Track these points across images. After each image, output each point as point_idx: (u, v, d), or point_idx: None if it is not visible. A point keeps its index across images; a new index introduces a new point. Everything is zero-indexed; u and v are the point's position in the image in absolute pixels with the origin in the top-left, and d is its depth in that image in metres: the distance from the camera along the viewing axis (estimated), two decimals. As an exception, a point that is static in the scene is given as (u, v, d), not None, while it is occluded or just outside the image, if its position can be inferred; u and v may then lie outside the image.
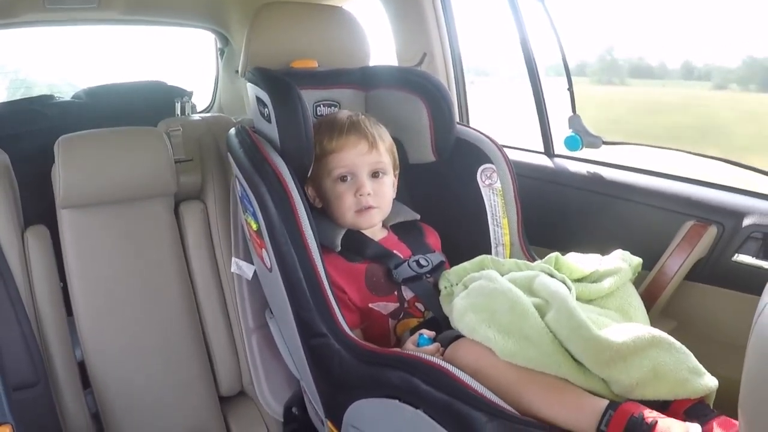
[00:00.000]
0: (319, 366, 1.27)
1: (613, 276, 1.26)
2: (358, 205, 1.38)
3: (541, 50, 1.86)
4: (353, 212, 1.38)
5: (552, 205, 1.80)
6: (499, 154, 1.52)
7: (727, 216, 1.44)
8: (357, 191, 1.38)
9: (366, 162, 1.39)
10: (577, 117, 1.76)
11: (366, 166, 1.39)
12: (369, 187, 1.38)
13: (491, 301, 1.13)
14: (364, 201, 1.38)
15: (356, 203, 1.38)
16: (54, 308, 1.58)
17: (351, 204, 1.38)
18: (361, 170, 1.39)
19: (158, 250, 1.70)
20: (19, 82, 2.99)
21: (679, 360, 1.03)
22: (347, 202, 1.38)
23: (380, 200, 1.41)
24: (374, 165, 1.40)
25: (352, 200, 1.38)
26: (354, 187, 1.38)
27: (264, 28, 1.55)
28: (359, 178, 1.38)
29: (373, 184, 1.39)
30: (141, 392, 1.63)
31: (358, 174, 1.38)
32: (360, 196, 1.37)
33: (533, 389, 1.02)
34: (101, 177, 1.61)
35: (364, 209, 1.38)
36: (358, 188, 1.38)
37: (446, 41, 2.06)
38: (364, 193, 1.37)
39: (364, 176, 1.39)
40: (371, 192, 1.38)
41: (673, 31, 2.47)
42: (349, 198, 1.38)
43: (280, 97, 1.33)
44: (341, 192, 1.39)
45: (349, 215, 1.39)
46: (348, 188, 1.38)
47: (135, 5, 2.49)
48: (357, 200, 1.38)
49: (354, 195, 1.38)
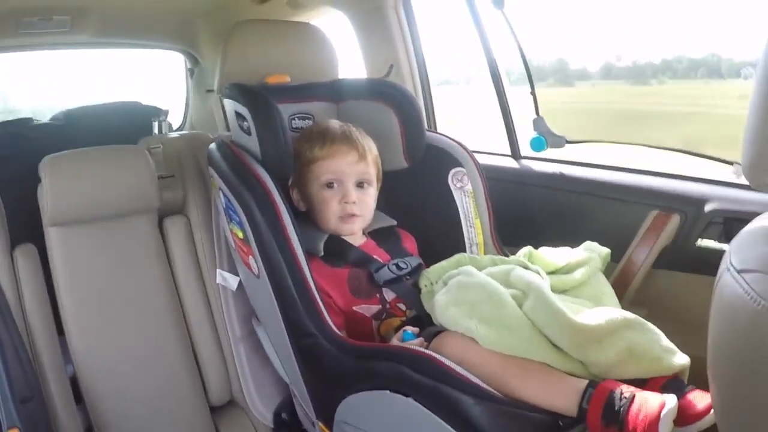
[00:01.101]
0: (309, 366, 1.31)
1: (583, 266, 1.32)
2: (342, 212, 1.43)
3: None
4: (337, 218, 1.43)
5: (522, 204, 1.85)
6: (469, 158, 1.58)
7: (689, 204, 1.50)
8: (342, 198, 1.42)
9: (354, 171, 1.44)
10: (540, 119, 1.82)
11: (353, 176, 1.44)
12: (354, 196, 1.43)
13: (471, 294, 1.18)
14: (348, 208, 1.43)
15: (341, 210, 1.43)
16: (45, 325, 1.59)
17: (336, 210, 1.43)
18: (348, 179, 1.44)
19: (144, 264, 1.73)
20: (7, 112, 2.98)
21: (652, 340, 1.10)
22: (332, 208, 1.43)
23: (363, 209, 1.46)
24: (361, 175, 1.46)
25: (337, 207, 1.43)
26: (340, 194, 1.43)
27: (238, 46, 1.60)
28: (345, 186, 1.43)
29: (358, 194, 1.44)
30: (132, 405, 1.65)
31: (344, 182, 1.43)
32: (345, 203, 1.42)
33: (516, 374, 1.07)
34: (88, 194, 1.64)
35: (347, 216, 1.43)
36: (344, 195, 1.42)
37: (411, 52, 2.11)
38: (349, 201, 1.42)
39: (351, 185, 1.44)
40: (356, 201, 1.43)
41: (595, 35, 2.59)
42: (334, 204, 1.43)
43: (259, 109, 1.39)
44: (327, 197, 1.43)
45: (333, 221, 1.43)
46: (334, 195, 1.43)
47: (106, 28, 2.52)
48: (342, 207, 1.42)
49: (339, 202, 1.43)
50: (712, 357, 0.69)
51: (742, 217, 1.33)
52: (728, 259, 0.67)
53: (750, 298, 0.60)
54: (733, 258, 0.66)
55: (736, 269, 0.64)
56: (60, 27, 2.33)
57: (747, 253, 0.66)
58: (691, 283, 1.49)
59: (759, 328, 0.59)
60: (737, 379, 0.65)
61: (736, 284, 0.63)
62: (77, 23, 2.36)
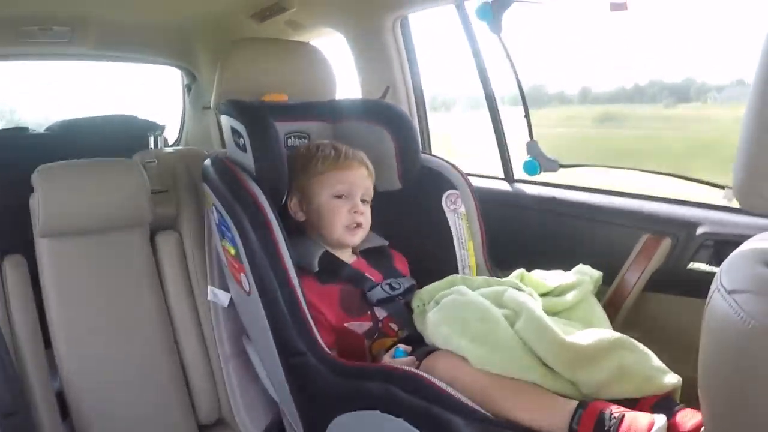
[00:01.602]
0: (299, 385, 1.30)
1: (575, 289, 1.33)
2: (350, 221, 1.44)
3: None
4: (344, 227, 1.44)
5: (515, 227, 1.86)
6: (463, 181, 1.60)
7: (680, 227, 1.51)
8: (352, 208, 1.44)
9: (362, 186, 1.48)
10: (533, 143, 1.83)
11: (361, 189, 1.47)
12: (362, 208, 1.46)
13: (463, 313, 1.19)
14: (357, 218, 1.45)
15: (349, 219, 1.44)
16: (32, 338, 1.59)
17: (344, 219, 1.44)
18: (357, 192, 1.46)
19: (135, 279, 1.72)
20: (13, 124, 2.98)
21: (643, 359, 1.10)
22: (341, 216, 1.44)
23: (366, 222, 1.48)
24: (366, 191, 1.49)
25: (346, 216, 1.44)
26: (349, 205, 1.45)
27: (236, 64, 1.62)
28: (354, 198, 1.46)
29: (363, 207, 1.47)
30: (119, 421, 1.63)
31: (354, 194, 1.46)
32: (354, 213, 1.44)
33: (507, 394, 1.07)
34: (80, 206, 1.64)
35: (354, 227, 1.45)
36: (354, 206, 1.45)
37: (408, 74, 2.13)
38: (358, 211, 1.45)
39: (358, 198, 1.46)
40: (363, 212, 1.46)
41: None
42: (343, 213, 1.44)
43: (254, 126, 1.40)
44: (337, 206, 1.45)
45: (340, 230, 1.45)
46: (343, 204, 1.45)
47: (105, 41, 2.55)
48: (351, 216, 1.44)
49: (348, 211, 1.44)
50: (703, 376, 0.70)
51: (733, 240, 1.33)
52: (719, 279, 0.68)
53: (740, 318, 0.61)
54: (724, 279, 0.67)
55: (727, 290, 0.65)
56: (59, 38, 2.36)
57: (737, 274, 0.67)
58: (682, 306, 1.49)
59: (748, 347, 0.60)
60: (727, 397, 0.66)
61: (726, 305, 0.63)
62: (77, 35, 2.39)
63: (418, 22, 2.11)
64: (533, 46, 2.01)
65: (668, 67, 2.51)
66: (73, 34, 2.38)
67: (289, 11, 2.11)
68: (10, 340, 1.55)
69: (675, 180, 1.61)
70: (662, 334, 1.44)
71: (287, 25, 2.25)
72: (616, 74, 2.65)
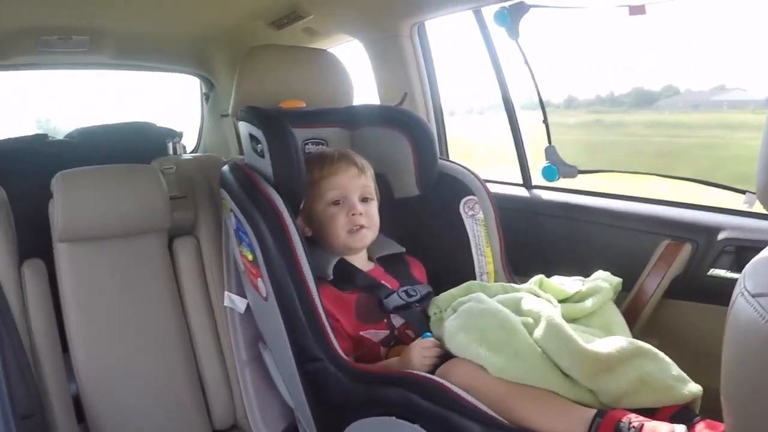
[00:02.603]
0: (314, 390, 1.30)
1: (594, 295, 1.32)
2: (350, 225, 1.43)
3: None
4: (346, 232, 1.44)
5: (533, 233, 1.85)
6: (481, 187, 1.59)
7: (700, 233, 1.50)
8: (349, 211, 1.44)
9: (356, 185, 1.46)
10: (552, 148, 1.83)
11: (357, 189, 1.46)
12: (360, 208, 1.45)
13: (481, 321, 1.18)
14: (356, 220, 1.44)
15: (349, 223, 1.43)
16: (49, 342, 1.59)
17: (344, 224, 1.43)
18: (352, 193, 1.45)
19: (153, 284, 1.73)
20: (49, 131, 3.03)
21: (663, 369, 1.09)
22: (340, 222, 1.43)
23: (371, 222, 1.47)
24: (363, 189, 1.48)
25: (344, 220, 1.43)
26: (346, 209, 1.44)
27: (253, 70, 1.62)
28: (351, 200, 1.45)
29: (363, 207, 1.46)
30: (134, 426, 1.64)
31: (349, 196, 1.45)
32: (352, 215, 1.43)
33: (524, 403, 1.06)
34: (99, 212, 1.65)
35: (356, 229, 1.44)
36: (350, 209, 1.44)
37: (425, 80, 2.13)
38: (356, 213, 1.44)
39: (356, 199, 1.45)
40: (363, 212, 1.45)
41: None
42: (342, 218, 1.43)
43: (273, 132, 1.40)
44: (334, 213, 1.44)
45: (342, 235, 1.44)
46: (340, 210, 1.44)
47: (123, 50, 2.57)
48: (350, 219, 1.43)
49: (347, 215, 1.43)
50: (726, 381, 0.69)
51: (755, 246, 1.32)
52: (742, 283, 0.67)
53: (764, 321, 0.60)
54: (748, 282, 0.66)
55: (751, 293, 0.64)
56: (79, 47, 2.39)
57: (761, 277, 0.66)
58: (703, 313, 1.47)
59: None
60: (751, 401, 0.65)
61: (750, 308, 0.62)
62: (95, 44, 2.41)
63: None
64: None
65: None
66: (92, 44, 2.41)
67: (306, 18, 2.13)
68: (29, 343, 1.56)
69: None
70: (682, 342, 1.42)
71: (304, 32, 2.26)
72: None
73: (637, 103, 2.81)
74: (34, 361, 1.57)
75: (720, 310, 1.18)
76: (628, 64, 2.42)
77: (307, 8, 2.07)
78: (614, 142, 2.70)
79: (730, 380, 0.68)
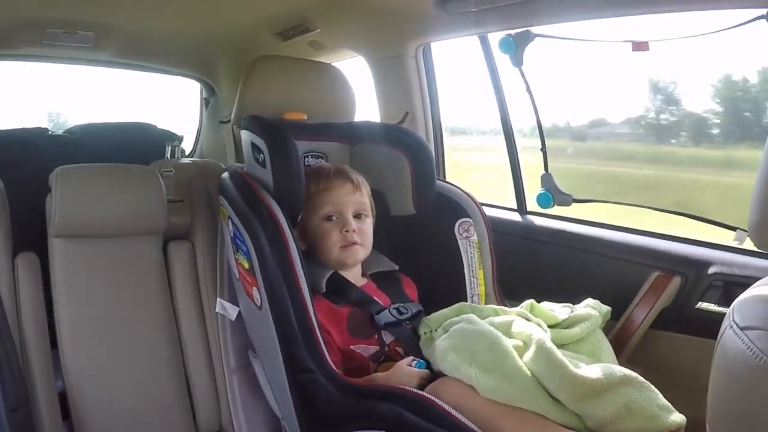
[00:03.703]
0: (304, 401, 1.30)
1: (584, 323, 1.33)
2: (343, 241, 1.45)
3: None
4: (339, 248, 1.45)
5: (525, 258, 1.87)
6: (476, 209, 1.61)
7: (690, 266, 1.52)
8: (343, 228, 1.45)
9: (351, 201, 1.48)
10: (548, 175, 1.86)
11: (351, 206, 1.48)
12: (354, 224, 1.46)
13: (472, 342, 1.19)
14: (349, 236, 1.45)
15: (342, 239, 1.45)
16: (39, 337, 1.59)
17: (337, 240, 1.45)
18: (346, 209, 1.47)
19: (145, 286, 1.73)
20: (60, 127, 3.03)
21: (649, 397, 1.10)
22: (333, 238, 1.45)
23: (364, 239, 1.48)
24: (358, 205, 1.49)
25: (338, 236, 1.45)
26: (340, 225, 1.45)
27: (258, 80, 1.63)
28: (345, 216, 1.46)
29: (357, 224, 1.47)
30: (119, 425, 1.63)
31: (343, 212, 1.46)
32: (346, 232, 1.45)
33: (512, 424, 1.08)
34: (96, 209, 1.65)
35: (349, 245, 1.45)
36: (344, 225, 1.45)
37: (427, 101, 2.16)
38: (350, 230, 1.45)
39: (350, 215, 1.47)
40: (356, 229, 1.46)
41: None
42: (335, 234, 1.45)
43: (276, 143, 1.41)
44: (328, 229, 1.46)
45: (335, 251, 1.45)
46: (334, 226, 1.46)
47: (127, 49, 2.59)
48: (343, 236, 1.45)
49: (340, 231, 1.45)
50: (713, 410, 0.70)
51: (744, 281, 1.34)
52: (731, 316, 0.69)
53: (752, 354, 0.62)
54: (736, 315, 0.68)
55: (739, 326, 0.66)
56: (84, 42, 2.40)
57: (750, 311, 0.68)
58: (690, 345, 1.50)
59: (760, 383, 0.61)
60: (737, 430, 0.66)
61: (738, 340, 0.64)
62: (100, 41, 2.42)
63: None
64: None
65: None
66: (96, 41, 2.42)
67: (313, 32, 2.15)
68: (18, 336, 1.56)
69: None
70: (667, 373, 1.44)
71: (310, 45, 2.28)
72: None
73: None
74: (23, 354, 1.56)
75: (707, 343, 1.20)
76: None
77: (315, 22, 2.10)
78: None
79: (717, 410, 0.70)
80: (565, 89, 2.34)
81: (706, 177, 2.27)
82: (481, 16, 1.72)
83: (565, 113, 2.61)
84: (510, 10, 1.65)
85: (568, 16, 1.63)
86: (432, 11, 1.80)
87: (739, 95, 2.11)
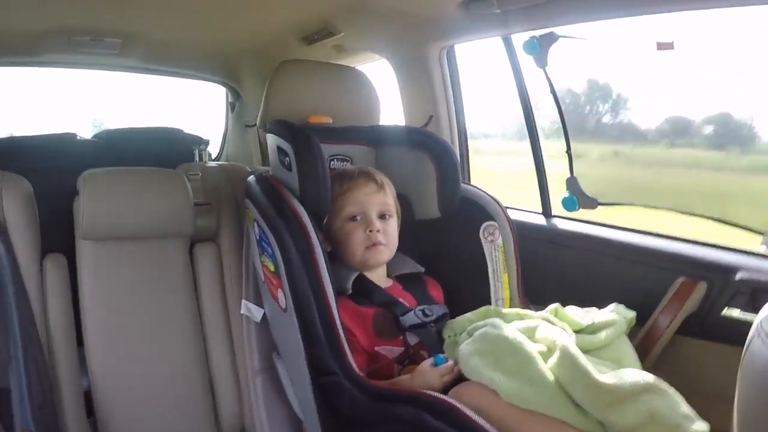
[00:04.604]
0: (327, 404, 1.31)
1: (608, 328, 1.32)
2: (368, 241, 1.46)
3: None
4: (363, 248, 1.46)
5: (550, 262, 1.85)
6: (501, 213, 1.60)
7: (716, 272, 1.50)
8: (367, 228, 1.46)
9: (375, 202, 1.49)
10: (573, 179, 1.85)
11: (375, 206, 1.49)
12: (378, 225, 1.47)
13: (496, 346, 1.19)
14: (373, 237, 1.46)
15: (366, 239, 1.46)
16: (65, 336, 1.63)
17: (361, 240, 1.46)
18: (370, 209, 1.48)
19: (171, 287, 1.76)
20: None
21: (672, 405, 1.09)
22: (358, 238, 1.46)
23: (388, 239, 1.49)
24: (382, 206, 1.50)
25: (362, 236, 1.46)
26: (364, 225, 1.47)
27: (283, 84, 1.65)
28: (369, 216, 1.47)
29: (382, 224, 1.48)
30: (143, 425, 1.66)
31: (367, 213, 1.47)
32: (370, 232, 1.46)
33: (535, 430, 1.08)
34: (124, 212, 1.68)
35: (373, 245, 1.46)
36: (368, 225, 1.46)
37: (452, 105, 2.16)
38: (374, 230, 1.46)
39: (374, 215, 1.48)
40: (380, 229, 1.47)
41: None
42: (359, 234, 1.46)
43: (301, 146, 1.42)
44: (352, 229, 1.47)
45: (360, 251, 1.46)
46: (358, 226, 1.47)
47: (154, 56, 2.63)
48: (367, 236, 1.46)
49: (364, 231, 1.46)
50: (740, 421, 0.70)
51: (771, 288, 1.32)
52: (759, 324, 0.68)
53: None
54: (765, 324, 0.67)
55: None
56: (110, 49, 2.44)
57: None
58: (715, 353, 1.47)
59: None
60: None
61: (766, 349, 0.64)
62: (127, 47, 2.46)
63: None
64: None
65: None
66: (123, 47, 2.45)
67: (336, 36, 2.16)
68: (45, 335, 1.59)
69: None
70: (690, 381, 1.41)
71: (334, 48, 2.29)
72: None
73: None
74: (49, 353, 1.60)
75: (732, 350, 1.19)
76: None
77: (338, 26, 2.11)
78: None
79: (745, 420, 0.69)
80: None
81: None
82: (504, 17, 1.71)
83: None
84: (533, 11, 1.64)
85: (592, 16, 1.62)
86: (455, 13, 1.80)
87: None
